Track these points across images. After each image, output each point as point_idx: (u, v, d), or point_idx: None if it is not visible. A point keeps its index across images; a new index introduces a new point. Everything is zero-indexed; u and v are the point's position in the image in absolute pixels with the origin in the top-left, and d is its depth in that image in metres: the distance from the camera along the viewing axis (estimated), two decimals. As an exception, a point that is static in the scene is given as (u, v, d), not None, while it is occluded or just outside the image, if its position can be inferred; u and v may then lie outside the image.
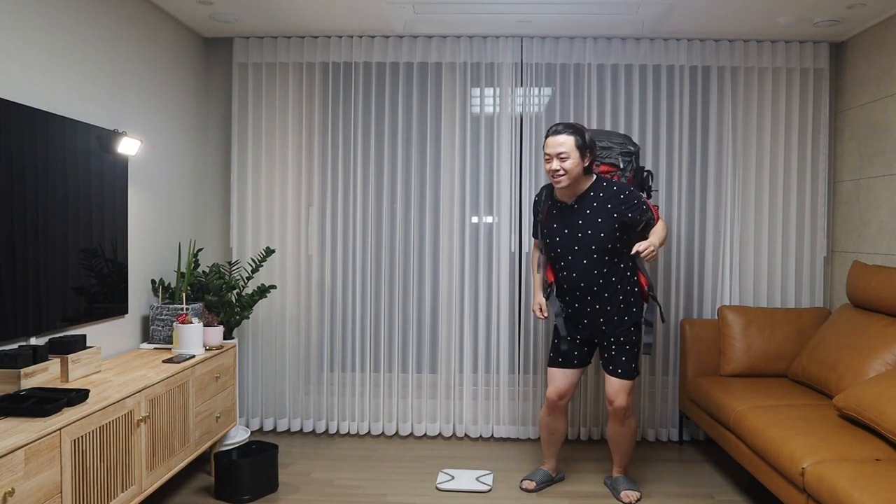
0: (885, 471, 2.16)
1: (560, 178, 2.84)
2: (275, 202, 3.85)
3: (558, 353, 3.04)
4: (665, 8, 3.26)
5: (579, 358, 3.04)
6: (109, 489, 2.20)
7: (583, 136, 2.83)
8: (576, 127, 2.85)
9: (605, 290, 2.90)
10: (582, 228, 2.88)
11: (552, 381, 3.06)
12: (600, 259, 2.87)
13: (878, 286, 3.08)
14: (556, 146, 2.82)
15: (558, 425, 3.13)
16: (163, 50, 3.41)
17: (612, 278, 2.90)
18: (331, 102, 3.84)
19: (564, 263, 2.94)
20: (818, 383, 3.08)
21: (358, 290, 3.84)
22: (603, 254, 2.87)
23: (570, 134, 2.82)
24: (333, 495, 3.04)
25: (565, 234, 2.92)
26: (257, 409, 3.90)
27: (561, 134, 2.83)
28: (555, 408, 3.08)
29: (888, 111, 3.35)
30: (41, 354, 2.30)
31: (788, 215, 3.80)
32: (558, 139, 2.82)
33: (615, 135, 3.19)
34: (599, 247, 2.86)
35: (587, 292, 2.92)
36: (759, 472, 2.71)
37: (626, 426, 3.03)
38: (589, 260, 2.88)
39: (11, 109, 2.26)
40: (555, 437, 3.16)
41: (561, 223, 2.94)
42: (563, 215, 2.94)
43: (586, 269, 2.89)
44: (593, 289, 2.90)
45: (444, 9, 3.33)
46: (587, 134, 2.86)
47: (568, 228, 2.91)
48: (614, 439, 3.07)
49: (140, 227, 3.20)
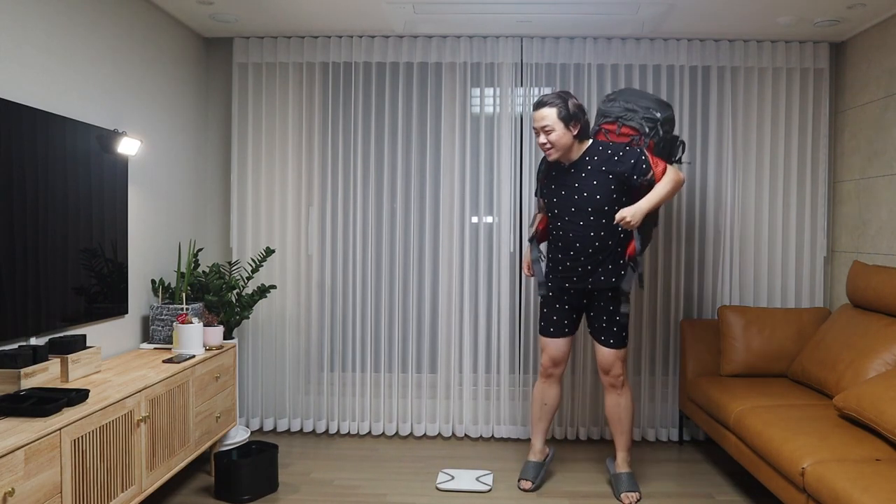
0: (885, 471, 2.16)
1: (549, 150, 2.90)
2: (275, 202, 3.85)
3: (548, 321, 3.10)
4: (665, 8, 3.26)
5: (569, 325, 3.09)
6: (109, 489, 2.20)
7: (566, 106, 2.85)
8: (561, 96, 2.86)
9: (600, 252, 2.93)
10: (578, 191, 2.92)
11: (545, 350, 3.12)
12: (597, 221, 2.90)
13: (878, 286, 3.08)
14: (540, 120, 2.87)
15: (552, 393, 3.17)
16: (163, 50, 3.41)
17: (608, 241, 2.92)
18: (331, 102, 3.84)
19: (561, 224, 2.98)
20: (818, 383, 3.08)
21: (358, 290, 3.84)
22: (600, 216, 2.90)
23: (552, 106, 2.85)
24: (333, 495, 3.04)
25: (562, 195, 2.96)
26: (257, 409, 3.90)
27: (544, 107, 2.86)
28: (549, 376, 3.14)
29: (888, 111, 3.35)
30: (41, 354, 2.30)
31: (788, 215, 3.81)
32: (542, 112, 2.87)
33: (645, 98, 3.09)
34: (595, 208, 2.90)
35: (581, 252, 2.95)
36: (759, 472, 2.71)
37: (623, 396, 3.06)
38: (585, 222, 2.92)
39: (11, 109, 2.26)
40: (547, 407, 3.19)
41: (558, 185, 2.99)
42: (561, 177, 2.99)
43: (582, 231, 2.92)
44: (588, 250, 2.94)
45: (444, 9, 3.33)
46: (572, 101, 2.87)
47: (565, 190, 2.96)
48: (614, 413, 3.08)
49: (140, 227, 3.20)
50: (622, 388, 3.06)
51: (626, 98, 3.09)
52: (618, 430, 3.11)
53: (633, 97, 3.09)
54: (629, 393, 3.08)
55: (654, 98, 3.09)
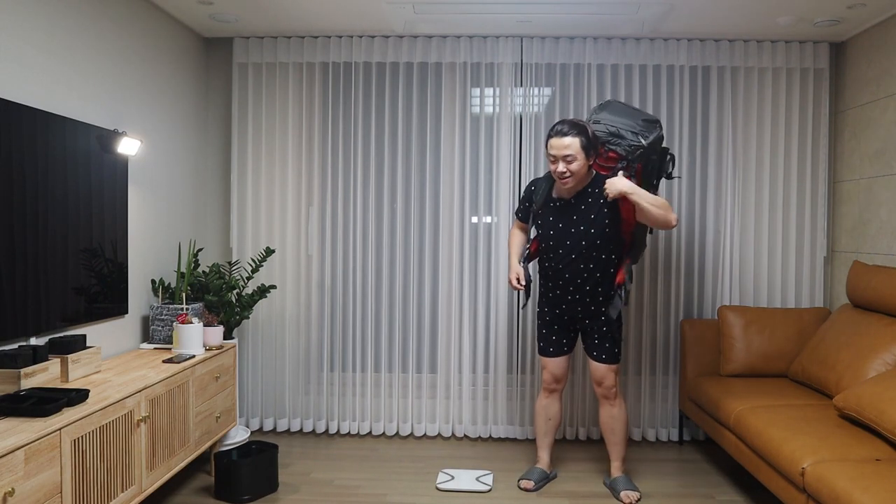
0: (885, 471, 2.16)
1: (567, 179, 2.86)
2: (275, 202, 3.85)
3: (547, 342, 3.12)
4: (665, 8, 3.26)
5: (568, 344, 3.13)
6: (109, 489, 2.20)
7: (587, 136, 2.83)
8: (580, 126, 2.83)
9: (588, 283, 2.95)
10: (576, 224, 2.92)
11: (547, 367, 3.15)
12: (588, 255, 2.92)
13: (878, 286, 3.08)
14: (563, 149, 2.81)
15: (555, 410, 3.19)
16: (163, 50, 3.41)
17: (596, 274, 2.94)
18: (331, 102, 3.84)
19: (553, 255, 2.98)
20: (818, 383, 3.08)
21: (358, 290, 3.84)
22: (592, 249, 2.91)
23: (575, 135, 2.81)
24: (333, 495, 3.04)
25: (560, 227, 2.95)
26: (257, 409, 3.89)
27: (567, 136, 2.80)
28: (552, 391, 3.17)
29: (888, 111, 3.35)
30: (41, 354, 2.30)
31: (788, 215, 3.81)
32: (564, 141, 2.80)
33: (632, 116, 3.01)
34: (589, 242, 2.90)
35: (570, 283, 2.97)
36: (759, 472, 2.71)
37: (617, 407, 3.08)
38: (577, 255, 2.92)
39: (11, 109, 2.26)
40: (551, 423, 3.21)
41: (556, 218, 2.97)
42: (560, 210, 2.96)
43: (574, 263, 2.93)
44: (577, 281, 2.95)
45: (444, 9, 3.33)
46: (590, 130, 2.86)
47: (563, 223, 2.95)
48: (608, 424, 3.10)
49: (140, 227, 3.20)
50: (615, 399, 3.08)
51: (613, 115, 3.01)
52: (612, 441, 3.12)
53: (619, 115, 3.00)
54: (623, 404, 3.11)
55: (641, 117, 3.00)
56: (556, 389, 3.17)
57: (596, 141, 2.87)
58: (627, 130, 2.97)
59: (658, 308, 3.80)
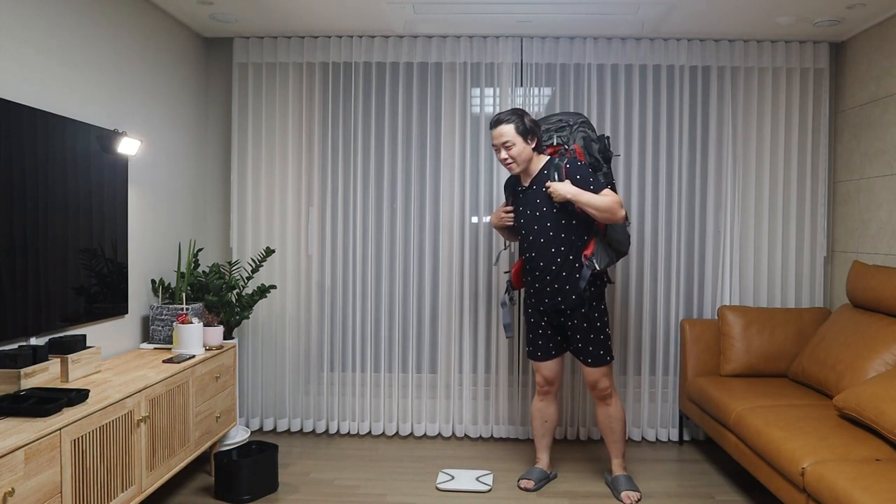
0: (885, 471, 2.16)
1: (510, 164, 2.95)
2: (275, 202, 3.85)
3: (535, 346, 3.13)
4: (665, 8, 3.26)
5: (556, 347, 3.12)
6: (109, 489, 2.20)
7: (523, 121, 2.91)
8: (516, 112, 2.93)
9: (563, 268, 2.95)
10: (539, 208, 2.96)
11: (538, 371, 3.16)
12: (556, 237, 2.93)
13: (878, 286, 3.08)
14: (500, 137, 2.92)
15: (551, 411, 3.21)
16: (163, 50, 3.41)
17: (569, 256, 2.94)
18: (331, 102, 3.84)
19: (527, 245, 3.02)
20: (818, 383, 3.08)
21: (358, 290, 3.84)
22: (558, 231, 2.93)
23: (509, 122, 2.91)
24: (333, 495, 3.04)
25: (527, 214, 3.00)
26: (257, 409, 3.89)
27: (501, 124, 2.92)
28: (546, 393, 3.18)
29: (888, 111, 3.35)
30: (41, 354, 2.29)
31: (788, 215, 3.80)
32: (500, 129, 2.92)
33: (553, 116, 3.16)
34: (553, 223, 2.92)
35: (546, 272, 2.97)
36: (759, 472, 2.71)
37: (613, 405, 3.08)
38: (546, 238, 2.95)
39: (11, 109, 2.26)
40: (548, 424, 3.22)
41: (524, 206, 3.02)
42: (525, 198, 3.02)
43: (544, 248, 2.95)
44: (552, 267, 2.95)
45: (444, 9, 3.33)
46: (527, 117, 2.93)
47: (529, 210, 2.99)
48: (605, 424, 3.11)
49: (140, 227, 3.20)
50: (611, 399, 3.08)
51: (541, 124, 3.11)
52: (611, 440, 3.12)
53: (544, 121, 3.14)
54: (619, 403, 3.10)
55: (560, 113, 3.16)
56: (550, 392, 3.18)
57: (535, 126, 2.94)
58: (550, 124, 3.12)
59: (658, 308, 3.80)
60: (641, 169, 3.79)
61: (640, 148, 3.79)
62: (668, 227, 3.81)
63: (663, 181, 3.79)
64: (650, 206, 3.78)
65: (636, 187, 3.78)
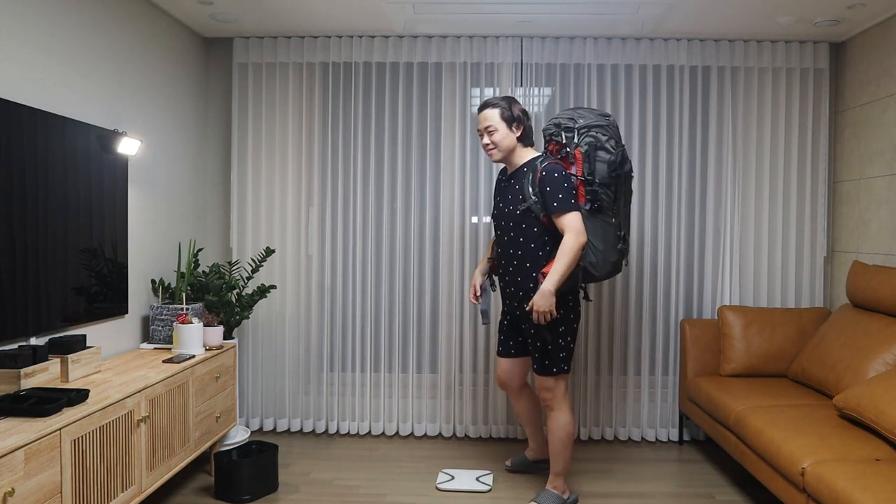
0: (885, 471, 2.16)
1: (491, 150, 2.88)
2: (275, 202, 3.85)
3: (499, 340, 3.13)
4: (665, 8, 3.26)
5: (515, 347, 3.07)
6: (109, 489, 2.20)
7: (510, 108, 2.84)
8: (506, 98, 2.87)
9: (519, 273, 2.86)
10: (510, 202, 2.88)
11: (498, 367, 3.16)
12: (516, 240, 2.86)
13: (878, 286, 3.08)
14: (483, 121, 2.87)
15: (520, 407, 3.21)
16: (163, 50, 3.41)
17: (525, 263, 2.82)
18: (331, 102, 3.84)
19: (496, 237, 3.00)
20: (818, 383, 3.08)
21: (358, 290, 3.84)
22: (518, 234, 2.85)
23: (494, 107, 2.84)
24: (333, 495, 3.04)
25: (500, 206, 2.95)
26: (257, 409, 3.89)
27: (487, 108, 2.86)
28: (507, 390, 3.17)
29: (888, 111, 3.35)
30: (41, 354, 2.29)
31: (788, 215, 3.81)
32: (485, 113, 2.86)
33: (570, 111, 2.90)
34: (514, 221, 2.85)
35: (506, 272, 2.93)
36: (759, 472, 2.71)
37: (552, 419, 2.88)
38: (508, 238, 2.89)
39: (11, 109, 2.26)
40: (522, 417, 3.24)
41: (500, 196, 2.97)
42: (503, 188, 2.97)
43: (507, 246, 2.91)
44: (509, 269, 2.91)
45: (444, 9, 3.33)
46: (516, 106, 2.86)
47: (503, 201, 2.93)
48: (547, 434, 2.97)
49: (140, 227, 3.20)
50: (552, 411, 2.88)
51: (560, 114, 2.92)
52: (549, 452, 2.95)
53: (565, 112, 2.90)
54: (561, 419, 2.86)
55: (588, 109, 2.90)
56: (510, 388, 3.13)
57: (522, 115, 2.86)
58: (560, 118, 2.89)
59: (658, 308, 3.80)
60: (641, 169, 3.79)
61: (641, 148, 3.79)
62: (667, 227, 3.81)
63: (663, 181, 3.79)
64: (650, 206, 3.78)
65: (636, 187, 3.78)
